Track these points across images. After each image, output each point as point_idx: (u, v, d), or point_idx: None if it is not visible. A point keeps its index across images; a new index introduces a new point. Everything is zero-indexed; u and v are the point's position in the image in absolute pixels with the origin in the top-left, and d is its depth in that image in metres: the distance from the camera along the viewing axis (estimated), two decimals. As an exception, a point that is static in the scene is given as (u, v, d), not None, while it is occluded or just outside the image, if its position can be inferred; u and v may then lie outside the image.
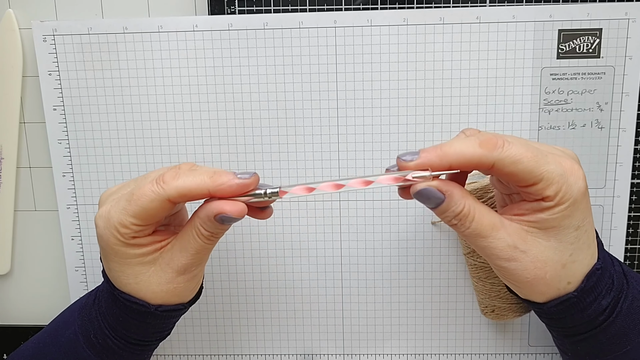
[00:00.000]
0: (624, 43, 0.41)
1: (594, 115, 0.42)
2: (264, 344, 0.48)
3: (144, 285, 0.33)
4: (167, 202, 0.31)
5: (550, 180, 0.28)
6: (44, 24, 0.43)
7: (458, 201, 0.30)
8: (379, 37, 0.42)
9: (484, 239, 0.30)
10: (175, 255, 0.33)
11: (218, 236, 0.33)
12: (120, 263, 0.33)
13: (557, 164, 0.29)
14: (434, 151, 0.29)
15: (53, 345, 0.36)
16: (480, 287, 0.43)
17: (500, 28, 0.41)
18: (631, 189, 0.44)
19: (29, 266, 0.49)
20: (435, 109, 0.43)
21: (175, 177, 0.31)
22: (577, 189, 0.29)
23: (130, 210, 0.31)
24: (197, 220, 0.32)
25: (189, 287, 0.35)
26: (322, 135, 0.44)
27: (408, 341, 0.47)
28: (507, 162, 0.28)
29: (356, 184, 0.30)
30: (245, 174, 0.31)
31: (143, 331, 0.35)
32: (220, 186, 0.30)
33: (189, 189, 0.30)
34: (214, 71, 0.43)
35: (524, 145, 0.29)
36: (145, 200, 0.31)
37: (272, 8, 0.43)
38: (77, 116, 0.44)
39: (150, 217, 0.31)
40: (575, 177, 0.29)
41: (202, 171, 0.31)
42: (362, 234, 0.45)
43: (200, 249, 0.33)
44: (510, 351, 0.46)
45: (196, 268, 0.34)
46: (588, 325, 0.32)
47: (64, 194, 0.46)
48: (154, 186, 0.31)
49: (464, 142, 0.29)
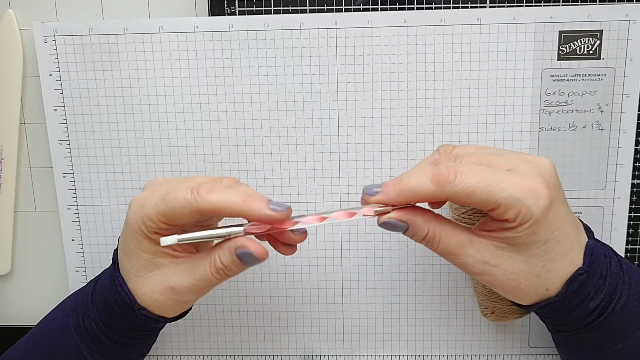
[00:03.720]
0: (625, 44, 0.41)
1: (594, 116, 0.42)
2: (264, 344, 0.48)
3: (140, 282, 0.33)
4: (197, 214, 0.31)
5: (507, 206, 0.29)
6: (44, 25, 0.43)
7: (421, 227, 0.31)
8: (380, 38, 0.42)
9: (454, 257, 0.31)
10: (179, 272, 0.33)
11: (228, 274, 0.32)
12: (133, 249, 0.33)
13: (514, 187, 0.29)
14: (392, 187, 0.30)
15: (46, 332, 0.37)
16: (480, 289, 0.43)
17: (501, 29, 0.41)
18: (631, 190, 0.44)
19: (29, 267, 0.49)
20: (435, 110, 0.43)
21: (210, 192, 0.31)
22: (537, 209, 0.29)
23: (162, 208, 0.31)
24: (218, 250, 0.32)
25: (175, 308, 0.34)
26: (323, 136, 0.44)
27: (408, 342, 0.47)
28: (460, 195, 0.29)
29: (313, 220, 0.31)
30: (279, 207, 0.30)
31: (122, 324, 0.35)
32: (251, 212, 0.30)
33: (220, 207, 0.31)
34: (215, 72, 0.43)
35: (479, 173, 0.29)
36: (176, 205, 0.31)
37: (272, 9, 0.43)
38: (77, 117, 0.44)
39: (177, 221, 0.32)
40: (535, 196, 0.29)
41: (238, 191, 0.31)
42: (363, 234, 0.45)
43: (205, 278, 0.32)
44: (511, 352, 0.46)
45: (190, 296, 0.33)
46: (577, 324, 0.32)
47: (65, 195, 0.46)
48: (188, 194, 0.31)
49: (418, 177, 0.30)
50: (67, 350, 0.36)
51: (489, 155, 0.31)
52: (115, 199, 0.45)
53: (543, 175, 0.30)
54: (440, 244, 0.31)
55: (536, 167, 0.30)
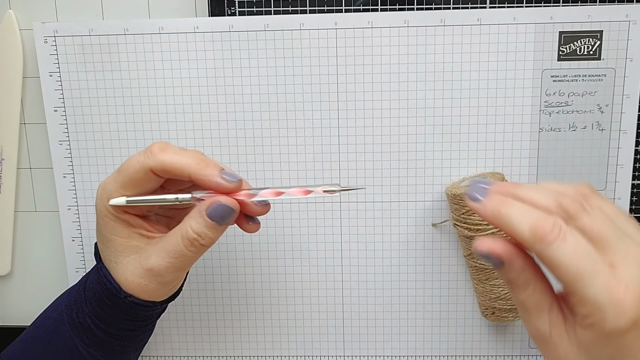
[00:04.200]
0: (625, 45, 0.41)
1: (594, 117, 0.42)
2: (264, 345, 0.48)
3: (121, 269, 0.33)
4: (150, 173, 0.31)
5: (584, 302, 0.25)
6: (45, 26, 0.43)
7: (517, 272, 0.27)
8: (380, 39, 0.42)
9: (524, 312, 0.28)
10: (154, 252, 0.32)
11: (204, 244, 0.31)
12: (107, 236, 0.33)
13: (602, 289, 0.24)
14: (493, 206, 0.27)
15: (41, 328, 0.37)
16: (481, 289, 0.43)
17: (501, 30, 0.41)
18: (632, 191, 0.44)
19: (29, 267, 0.49)
20: (435, 110, 0.43)
21: (163, 151, 0.31)
22: (612, 323, 0.24)
23: (119, 179, 0.31)
24: (188, 220, 0.31)
25: (161, 290, 0.34)
26: (323, 136, 0.44)
27: (408, 342, 0.47)
28: (546, 261, 0.26)
29: (269, 194, 0.31)
30: (232, 177, 0.30)
31: (113, 315, 0.34)
32: (202, 176, 0.30)
33: (172, 166, 0.30)
34: (215, 72, 0.43)
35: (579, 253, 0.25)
36: (131, 170, 0.31)
37: (272, 9, 0.43)
38: (77, 117, 0.44)
39: (137, 187, 0.31)
40: (618, 311, 0.24)
41: (192, 154, 0.31)
42: (363, 235, 0.45)
43: (180, 253, 0.31)
44: (511, 353, 0.46)
45: (170, 275, 0.32)
46: None
47: (65, 195, 0.46)
48: (141, 156, 0.31)
49: (521, 216, 0.26)
50: (62, 347, 0.36)
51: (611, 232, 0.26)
52: (115, 199, 0.45)
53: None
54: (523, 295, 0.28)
55: None
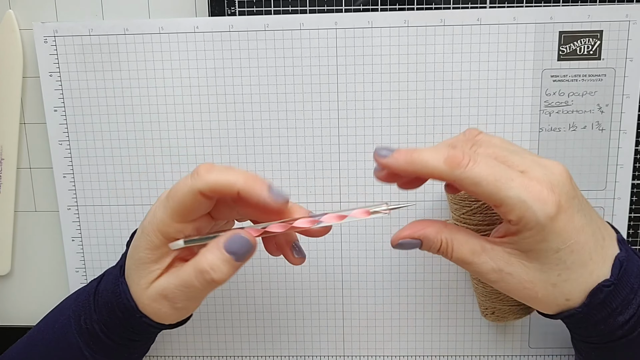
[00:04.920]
0: (625, 45, 0.41)
1: (594, 117, 0.42)
2: (264, 345, 0.48)
3: (141, 291, 0.33)
4: (200, 196, 0.30)
5: (510, 206, 0.28)
6: (45, 25, 0.43)
7: (434, 239, 0.31)
8: (380, 39, 0.42)
9: (469, 265, 0.31)
10: (169, 279, 0.32)
11: (214, 280, 0.30)
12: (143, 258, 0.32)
13: (522, 189, 0.28)
14: (404, 155, 0.30)
15: (47, 332, 0.37)
16: (481, 289, 0.43)
17: (501, 30, 0.41)
18: (632, 191, 0.43)
19: (29, 267, 0.49)
20: (435, 110, 0.43)
21: (210, 171, 0.30)
22: (542, 215, 0.28)
23: (169, 206, 0.31)
24: (204, 251, 0.31)
25: (173, 315, 0.34)
26: (323, 136, 0.44)
27: (408, 342, 0.47)
28: (467, 182, 0.28)
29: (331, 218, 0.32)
30: (279, 196, 0.30)
31: (124, 328, 0.35)
32: (251, 191, 0.30)
33: (220, 184, 0.30)
34: (215, 72, 0.43)
35: (492, 166, 0.29)
36: (180, 195, 0.30)
37: (272, 9, 0.43)
38: (77, 117, 0.44)
39: (187, 213, 0.31)
40: (542, 202, 0.28)
41: (238, 171, 0.31)
42: (363, 235, 0.45)
43: (189, 283, 0.31)
44: (511, 353, 0.46)
45: (182, 303, 0.33)
46: (604, 337, 0.32)
47: (65, 195, 0.46)
48: (189, 179, 0.30)
49: (432, 154, 0.29)
50: (69, 351, 0.36)
51: (507, 152, 0.30)
52: (115, 199, 0.45)
53: (555, 182, 0.29)
54: (454, 253, 0.31)
55: (550, 173, 0.29)
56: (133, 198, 0.45)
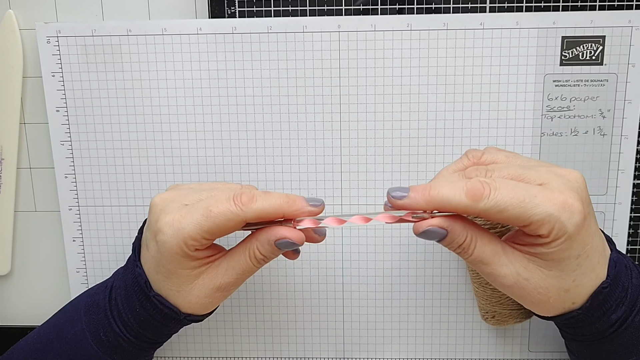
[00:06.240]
0: (627, 50, 0.41)
1: (596, 122, 0.42)
2: (264, 346, 0.48)
3: (183, 295, 0.34)
4: (243, 223, 0.32)
5: (539, 222, 0.28)
6: (47, 26, 0.43)
7: (460, 233, 0.31)
8: (383, 42, 0.42)
9: (487, 265, 0.31)
10: (220, 272, 0.34)
11: (267, 261, 0.34)
12: (172, 270, 0.33)
13: (547, 203, 0.28)
14: (421, 193, 0.30)
15: (58, 341, 0.37)
16: (481, 293, 0.43)
17: (504, 34, 0.41)
18: (633, 196, 0.44)
19: (29, 267, 0.49)
20: (438, 114, 0.43)
21: (253, 200, 0.32)
22: (571, 224, 0.28)
23: (206, 226, 0.32)
24: (255, 243, 0.33)
25: (218, 302, 0.36)
26: (325, 139, 0.44)
27: (408, 345, 0.47)
28: (493, 211, 0.28)
29: (357, 220, 0.32)
30: (316, 202, 0.33)
31: (160, 332, 0.36)
32: (295, 211, 0.32)
33: (267, 212, 0.32)
34: (217, 74, 0.43)
35: (512, 189, 0.29)
36: (222, 219, 0.31)
37: (272, 9, 0.43)
38: (79, 118, 0.44)
39: (221, 234, 0.32)
40: (569, 212, 0.28)
41: (277, 195, 0.32)
42: (363, 237, 0.45)
43: (248, 270, 0.34)
44: (511, 356, 0.47)
45: (234, 288, 0.35)
46: (596, 335, 0.32)
47: (66, 196, 0.46)
48: (233, 206, 0.31)
49: (452, 189, 0.29)
50: None
51: (521, 169, 0.31)
52: (116, 200, 0.45)
53: (575, 189, 0.29)
54: (476, 250, 0.31)
55: (568, 181, 0.30)
56: (135, 199, 0.45)
